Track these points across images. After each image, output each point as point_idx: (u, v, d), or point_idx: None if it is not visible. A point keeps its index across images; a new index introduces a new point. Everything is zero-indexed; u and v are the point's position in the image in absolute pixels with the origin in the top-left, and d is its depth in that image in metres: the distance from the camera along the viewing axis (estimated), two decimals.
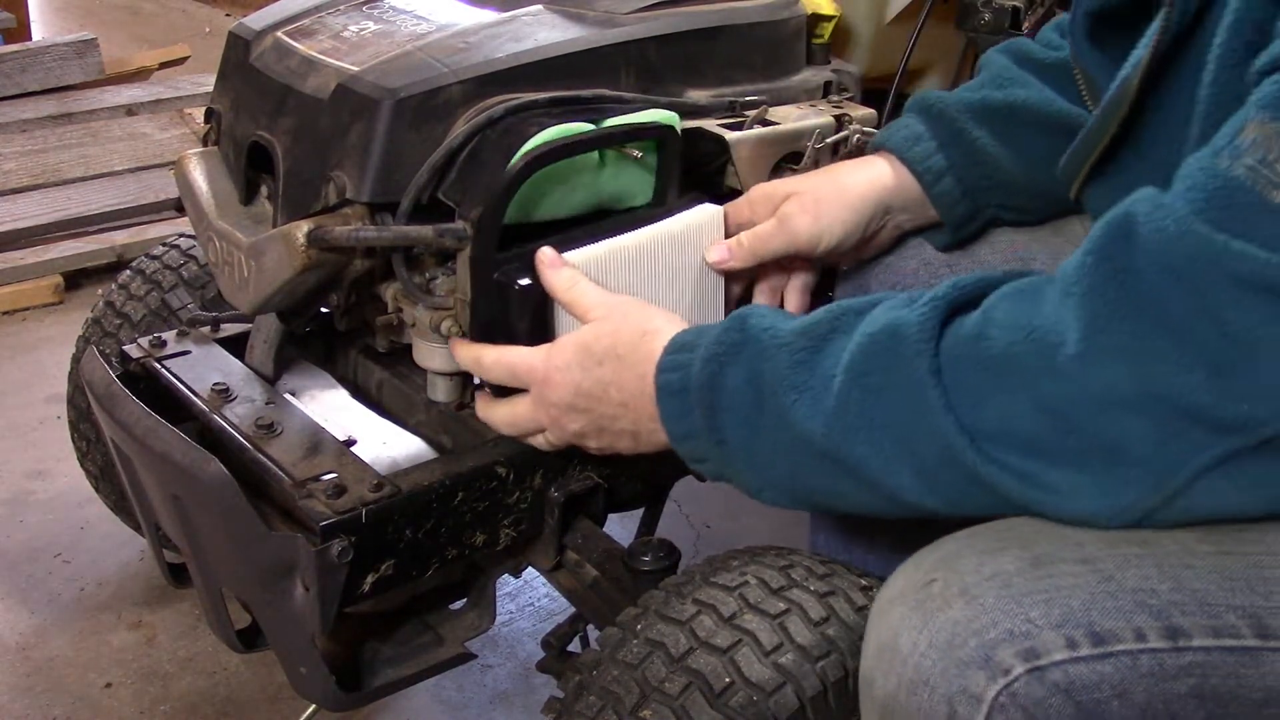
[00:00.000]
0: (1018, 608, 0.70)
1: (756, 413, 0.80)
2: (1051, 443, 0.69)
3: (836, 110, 1.24)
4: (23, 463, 2.05)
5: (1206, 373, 0.64)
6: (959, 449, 0.71)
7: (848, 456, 0.77)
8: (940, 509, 0.76)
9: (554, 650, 1.24)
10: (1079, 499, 0.71)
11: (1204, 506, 0.70)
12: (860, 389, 0.75)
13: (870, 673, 0.75)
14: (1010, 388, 0.70)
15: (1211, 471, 0.67)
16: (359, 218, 1.04)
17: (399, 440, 1.19)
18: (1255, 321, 0.63)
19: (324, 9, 1.21)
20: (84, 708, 1.55)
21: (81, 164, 3.04)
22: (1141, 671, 0.69)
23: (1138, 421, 0.67)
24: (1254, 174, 0.63)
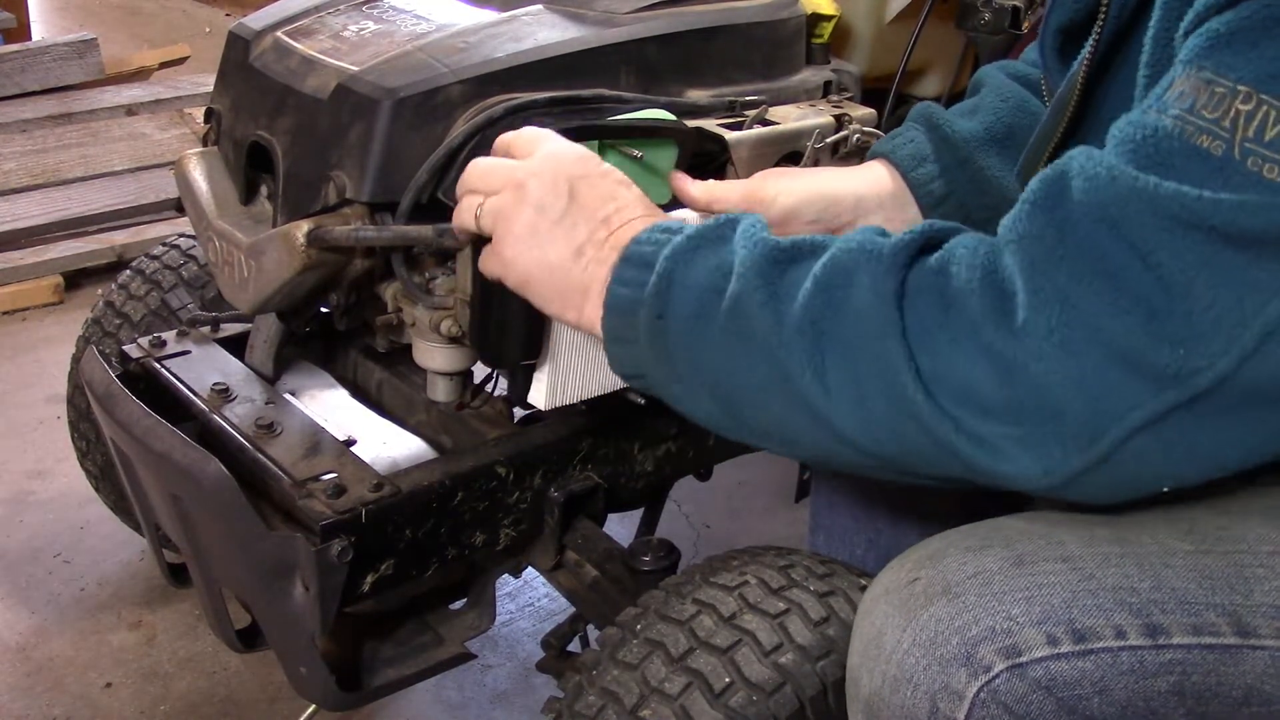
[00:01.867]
0: (999, 605, 0.71)
1: (714, 296, 0.76)
2: (989, 393, 0.67)
3: (836, 110, 1.24)
4: (23, 463, 2.06)
5: (1141, 316, 0.63)
6: (905, 381, 0.69)
7: (791, 362, 0.73)
8: (865, 444, 0.73)
9: (554, 650, 1.24)
10: (1008, 457, 0.68)
11: (1132, 472, 0.68)
12: (824, 299, 0.72)
13: (855, 670, 0.76)
14: (958, 328, 0.68)
15: (1142, 432, 0.65)
16: (359, 217, 1.04)
17: (399, 440, 1.19)
18: (1188, 262, 0.62)
19: (324, 9, 1.21)
20: (84, 708, 1.55)
21: (81, 164, 3.05)
22: (1122, 669, 0.69)
23: (1072, 373, 0.65)
24: (1181, 121, 0.63)
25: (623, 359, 0.82)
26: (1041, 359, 0.66)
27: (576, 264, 0.83)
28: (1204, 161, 0.62)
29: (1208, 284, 0.62)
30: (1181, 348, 0.63)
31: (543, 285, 0.85)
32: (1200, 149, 0.62)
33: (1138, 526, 0.75)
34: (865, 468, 0.76)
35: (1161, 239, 0.63)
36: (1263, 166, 0.60)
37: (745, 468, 1.97)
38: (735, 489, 2.07)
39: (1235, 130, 0.61)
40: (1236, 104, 0.61)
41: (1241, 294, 0.62)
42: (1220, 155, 0.61)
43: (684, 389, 0.79)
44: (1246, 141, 0.61)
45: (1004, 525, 0.77)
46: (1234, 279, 0.62)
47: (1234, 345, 0.62)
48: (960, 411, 0.68)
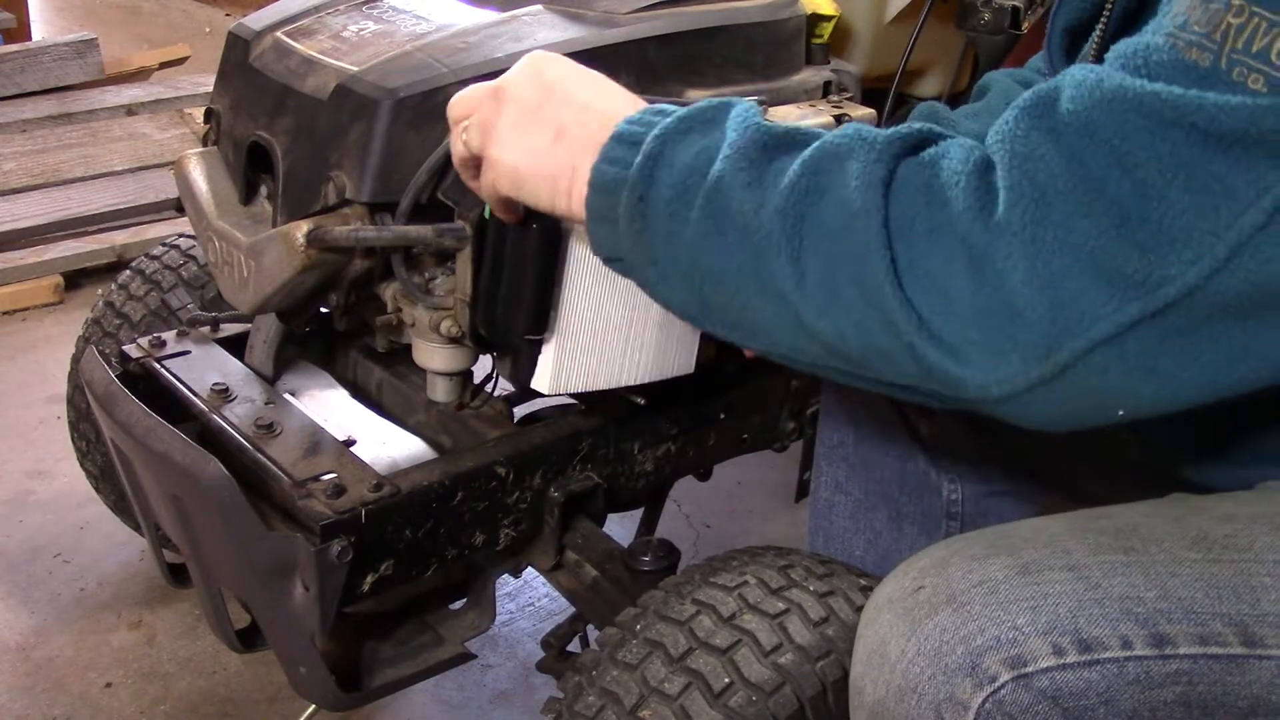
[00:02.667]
0: (1005, 615, 0.70)
1: (697, 178, 0.74)
2: (956, 289, 0.65)
3: (836, 110, 1.24)
4: (23, 463, 2.06)
5: (1114, 219, 0.62)
6: (878, 269, 0.67)
7: (768, 245, 0.71)
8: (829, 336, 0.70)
9: (554, 650, 1.24)
10: (966, 359, 0.66)
11: (1089, 389, 0.65)
12: (809, 183, 0.70)
13: (859, 679, 0.75)
14: (938, 220, 0.66)
15: (1104, 346, 0.63)
16: (358, 217, 1.04)
17: (398, 440, 1.19)
18: (1166, 164, 0.61)
19: (324, 9, 1.21)
20: (84, 708, 1.55)
21: (81, 164, 3.05)
22: (1128, 679, 0.69)
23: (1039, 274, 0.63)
24: (1171, 38, 0.63)
25: (602, 239, 0.79)
26: (1010, 256, 0.64)
27: (561, 144, 0.80)
28: (1190, 71, 0.61)
29: (1184, 188, 0.61)
30: (1151, 254, 0.61)
31: (532, 175, 0.82)
32: (1188, 61, 0.61)
33: (1144, 534, 0.75)
34: (826, 367, 0.74)
35: (1141, 139, 0.61)
36: (1248, 76, 0.60)
37: (745, 468, 1.97)
38: (735, 489, 2.07)
39: (1224, 42, 0.60)
40: (1228, 18, 0.60)
41: (1217, 201, 0.60)
42: (1207, 66, 0.61)
43: (658, 273, 0.76)
44: (1234, 53, 0.60)
45: (1009, 532, 0.77)
46: (1211, 184, 0.60)
47: (1205, 255, 0.61)
48: (927, 306, 0.66)
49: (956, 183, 0.66)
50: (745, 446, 1.38)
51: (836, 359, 0.71)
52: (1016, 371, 0.65)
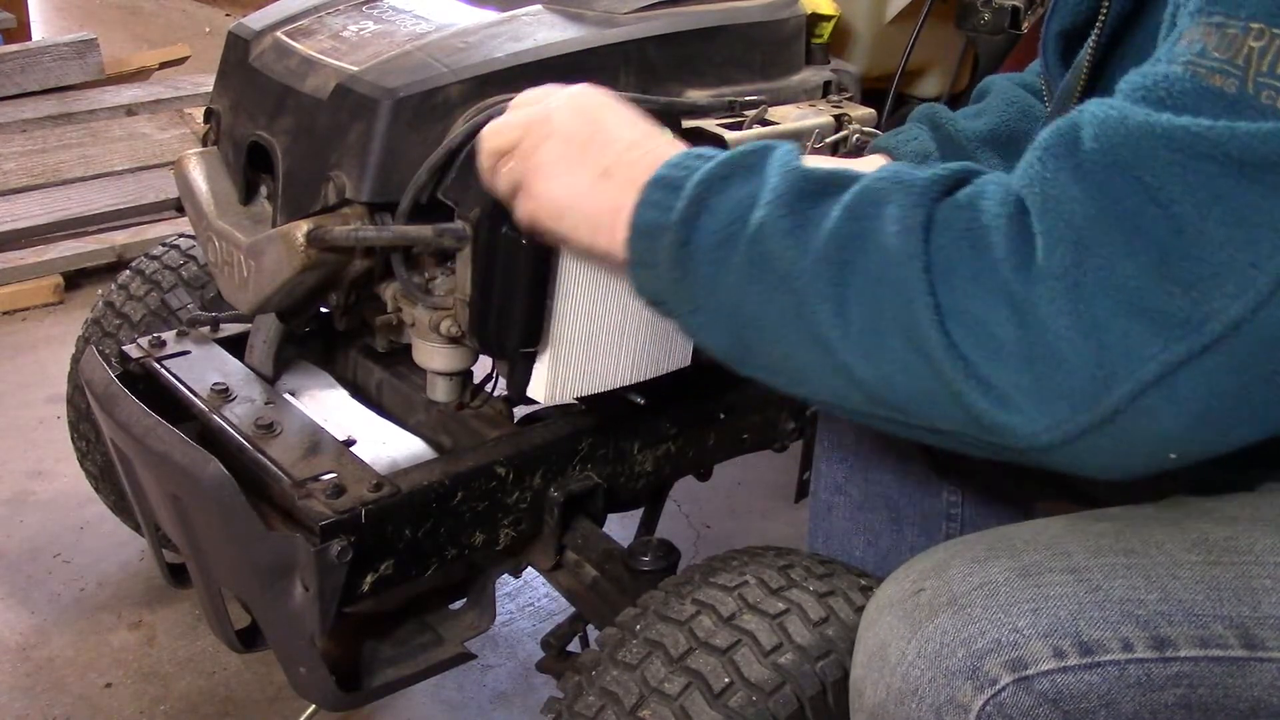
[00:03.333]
0: (1005, 617, 0.70)
1: (740, 225, 0.74)
2: (1003, 335, 0.65)
3: (836, 110, 1.24)
4: (23, 463, 2.06)
5: (1154, 258, 0.61)
6: (922, 315, 0.66)
7: (810, 291, 0.71)
8: (873, 384, 0.70)
9: (554, 650, 1.24)
10: (1014, 406, 0.65)
11: (1138, 433, 0.64)
12: (850, 229, 0.70)
13: (860, 682, 0.75)
14: (980, 265, 0.66)
15: (1153, 389, 0.62)
16: (358, 217, 1.04)
17: (398, 440, 1.19)
18: (1201, 197, 0.60)
19: (323, 9, 1.20)
20: (84, 708, 1.55)
21: (81, 164, 3.05)
22: (1129, 682, 0.69)
23: (1083, 319, 0.63)
24: (1191, 66, 0.62)
25: (644, 283, 0.79)
26: (1053, 302, 0.63)
27: (605, 184, 0.81)
28: (1217, 99, 0.60)
29: (1220, 221, 0.60)
30: (1194, 290, 0.60)
31: (574, 213, 0.83)
32: (1213, 88, 0.61)
33: (1145, 536, 0.75)
34: (869, 415, 0.73)
35: (1174, 174, 0.60)
36: (1277, 99, 0.59)
37: (745, 468, 1.97)
38: (735, 489, 2.07)
39: (1248, 66, 0.60)
40: (1249, 41, 0.60)
41: (1256, 233, 0.59)
42: (1234, 92, 0.60)
43: (702, 320, 0.77)
44: (1260, 76, 0.59)
45: (1009, 534, 0.77)
46: (1248, 215, 0.59)
47: (1248, 289, 0.60)
48: (973, 352, 0.65)
49: (997, 226, 0.66)
50: (745, 446, 1.38)
51: (881, 406, 0.71)
52: (1065, 418, 0.64)
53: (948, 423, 0.68)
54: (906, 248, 0.67)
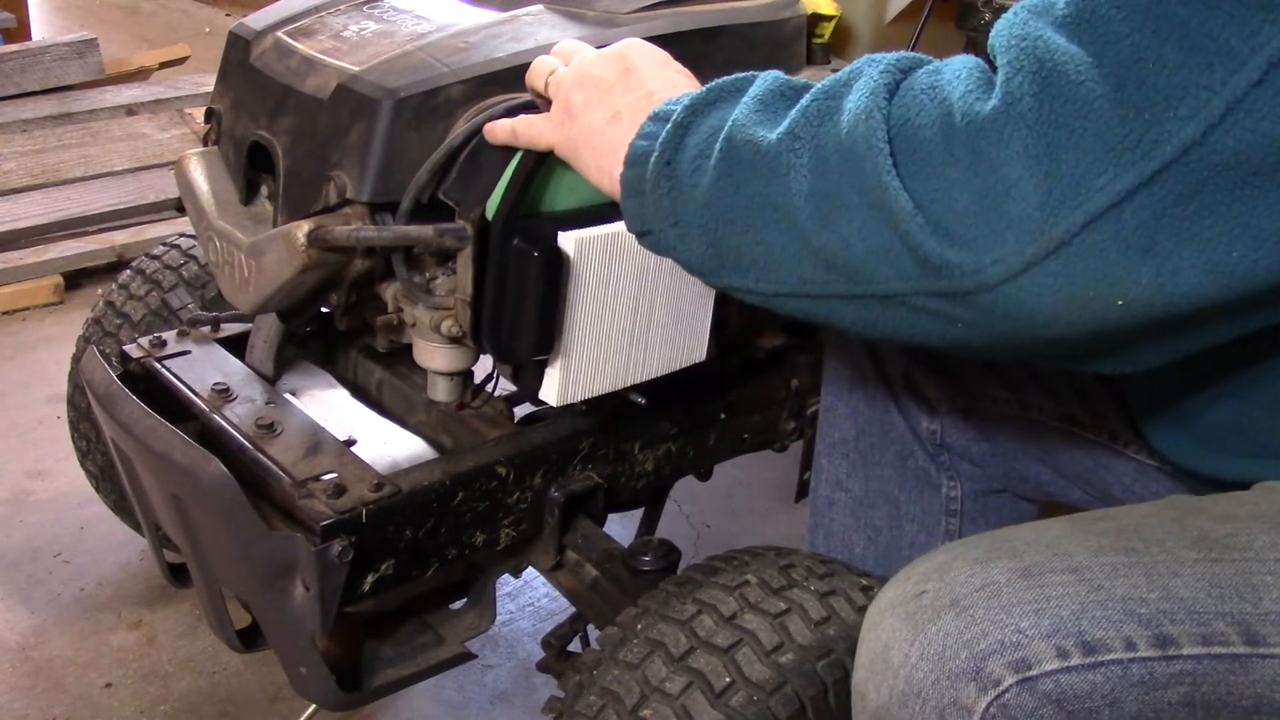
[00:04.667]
0: (1008, 618, 0.70)
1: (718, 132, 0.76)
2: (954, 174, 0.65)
3: None
4: (23, 463, 2.06)
5: (1110, 86, 0.61)
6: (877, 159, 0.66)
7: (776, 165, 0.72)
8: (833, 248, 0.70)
9: (554, 650, 1.24)
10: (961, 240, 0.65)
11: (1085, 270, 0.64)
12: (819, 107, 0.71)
13: (863, 685, 0.75)
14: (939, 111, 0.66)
15: (1101, 220, 0.62)
16: (359, 217, 1.04)
17: (399, 440, 1.19)
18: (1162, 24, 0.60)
19: (324, 9, 1.21)
20: (84, 708, 1.55)
21: (81, 164, 3.05)
22: (1132, 681, 0.69)
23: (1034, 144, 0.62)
24: None
25: (633, 213, 0.82)
26: (1005, 132, 0.63)
27: (613, 127, 0.85)
28: None
29: (1178, 46, 0.60)
30: (1146, 113, 0.61)
31: (587, 151, 0.87)
32: None
33: (1145, 534, 0.75)
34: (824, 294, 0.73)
35: (1137, 4, 0.61)
36: None
37: (745, 468, 1.97)
38: (735, 489, 2.07)
39: None
40: None
41: (1211, 59, 0.60)
42: None
43: (679, 233, 0.79)
44: None
45: (1010, 535, 0.77)
46: (1205, 42, 0.60)
47: (1200, 110, 0.60)
48: (923, 192, 0.65)
49: (958, 75, 0.67)
50: (745, 446, 1.38)
51: (836, 276, 0.71)
52: (1012, 250, 0.64)
53: (900, 279, 0.68)
54: (869, 105, 0.68)
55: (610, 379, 1.05)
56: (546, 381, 1.02)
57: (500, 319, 0.98)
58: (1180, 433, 0.91)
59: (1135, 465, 1.08)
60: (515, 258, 0.96)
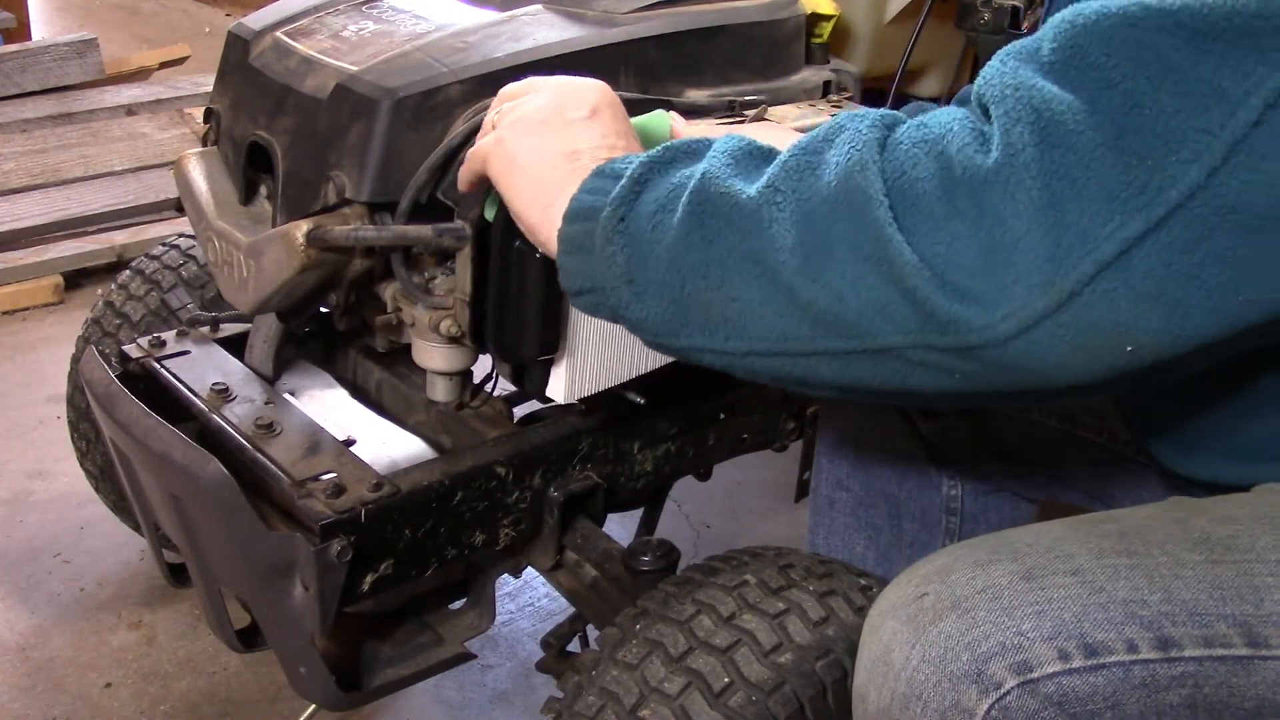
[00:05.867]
0: (1009, 620, 0.70)
1: (680, 189, 0.73)
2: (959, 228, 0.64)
3: (836, 109, 1.24)
4: (23, 463, 2.06)
5: (1110, 134, 0.61)
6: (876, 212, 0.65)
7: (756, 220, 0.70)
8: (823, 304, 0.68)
9: (553, 650, 1.24)
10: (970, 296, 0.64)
11: (1094, 320, 0.63)
12: (799, 161, 0.70)
13: (864, 687, 0.75)
14: (937, 165, 0.65)
15: (1109, 270, 0.62)
16: (358, 217, 1.04)
17: (398, 440, 1.19)
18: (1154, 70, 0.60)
19: (323, 9, 1.21)
20: (84, 708, 1.55)
21: (81, 164, 3.05)
22: (1134, 683, 0.69)
23: (1038, 198, 0.62)
24: None
25: (573, 271, 0.77)
26: (1009, 185, 0.62)
27: (564, 165, 0.80)
28: None
29: (1174, 90, 0.60)
30: (1149, 159, 0.60)
31: (524, 173, 0.81)
32: None
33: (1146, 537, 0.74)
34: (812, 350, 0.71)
35: (1128, 50, 0.61)
36: None
37: (745, 468, 1.97)
38: (735, 489, 2.07)
39: None
40: None
41: (1208, 101, 0.59)
42: None
43: (634, 291, 0.75)
44: None
45: (1012, 537, 0.77)
46: (1200, 86, 0.60)
47: (1202, 153, 0.60)
48: (928, 247, 0.64)
49: (949, 129, 0.66)
50: (745, 446, 1.38)
51: (828, 333, 0.69)
52: (1022, 304, 0.63)
53: (900, 334, 0.67)
54: (861, 159, 0.67)
55: (616, 373, 1.05)
56: (553, 379, 1.02)
57: (504, 320, 0.99)
58: (1175, 440, 0.91)
59: (1135, 466, 1.08)
60: (516, 259, 0.96)
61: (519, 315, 0.97)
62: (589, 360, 1.03)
